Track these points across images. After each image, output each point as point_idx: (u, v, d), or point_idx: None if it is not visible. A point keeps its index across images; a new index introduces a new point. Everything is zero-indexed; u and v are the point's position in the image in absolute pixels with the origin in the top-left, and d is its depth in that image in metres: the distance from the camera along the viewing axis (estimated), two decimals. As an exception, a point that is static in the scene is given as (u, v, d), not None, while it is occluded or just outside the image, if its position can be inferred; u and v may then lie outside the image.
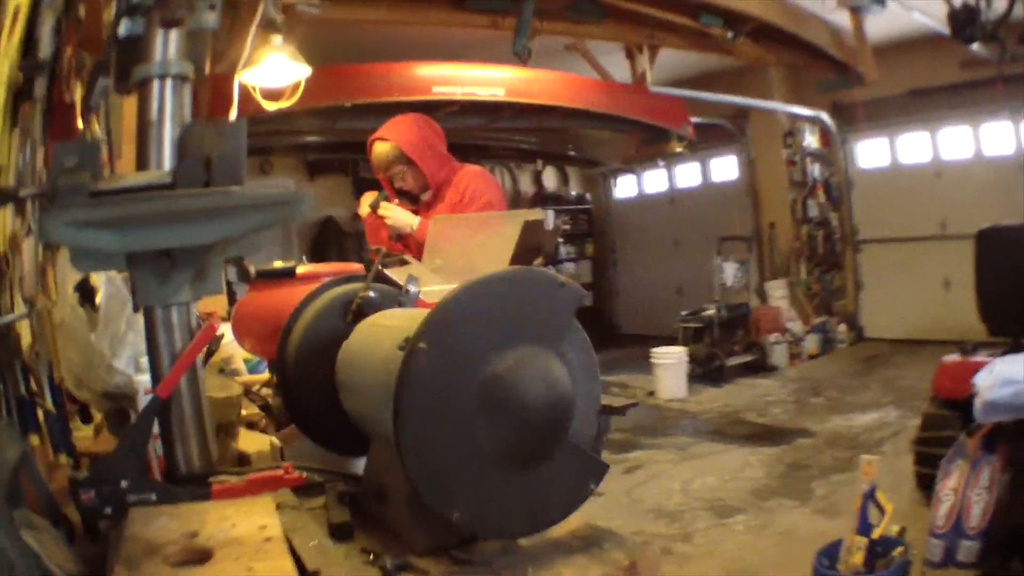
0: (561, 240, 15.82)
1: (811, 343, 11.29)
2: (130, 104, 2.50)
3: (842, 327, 11.98)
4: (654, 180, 15.36)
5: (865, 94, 10.95)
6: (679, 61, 10.79)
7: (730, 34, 8.73)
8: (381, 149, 4.22)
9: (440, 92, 9.20)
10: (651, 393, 9.62)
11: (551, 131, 13.24)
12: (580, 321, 1.94)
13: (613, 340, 14.69)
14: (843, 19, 9.31)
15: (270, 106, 5.05)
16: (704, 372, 10.09)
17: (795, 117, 12.12)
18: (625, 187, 16.20)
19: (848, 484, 5.46)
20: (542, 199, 15.87)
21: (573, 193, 16.49)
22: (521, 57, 9.62)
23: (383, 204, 4.27)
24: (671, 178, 14.90)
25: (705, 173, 14.30)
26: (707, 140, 12.62)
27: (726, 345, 10.39)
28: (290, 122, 9.80)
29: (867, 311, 12.39)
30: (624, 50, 10.15)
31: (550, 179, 16.39)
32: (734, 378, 10.08)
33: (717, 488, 6.10)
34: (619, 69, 10.43)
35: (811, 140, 12.35)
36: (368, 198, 4.33)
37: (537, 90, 9.75)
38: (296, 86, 4.95)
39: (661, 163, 13.59)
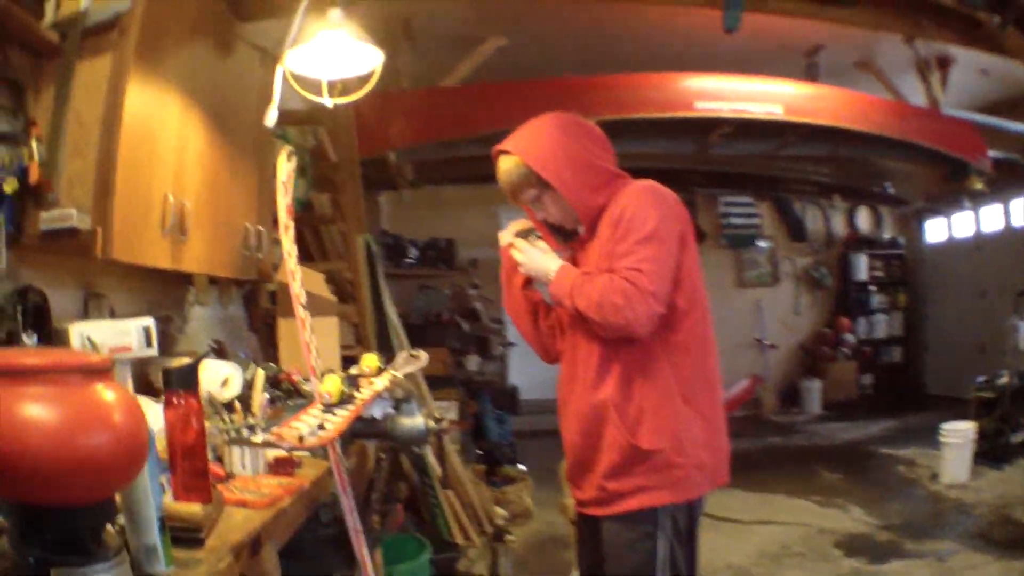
0: (874, 289, 13.93)
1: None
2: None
3: None
4: (961, 223, 13.18)
5: None
6: (970, 88, 9.16)
7: (996, 19, 7.00)
8: (504, 167, 2.80)
9: (704, 108, 7.90)
10: (934, 476, 7.97)
11: (845, 161, 11.42)
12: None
13: (916, 402, 12.83)
14: None
15: (328, 101, 3.41)
16: (988, 450, 8.21)
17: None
18: (935, 230, 14.02)
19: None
20: (856, 242, 13.94)
21: (886, 236, 14.29)
22: (809, 73, 8.30)
23: (516, 243, 2.84)
24: (977, 221, 12.71)
25: (1007, 216, 12.09)
26: (1009, 178, 10.57)
27: (1015, 418, 8.39)
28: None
29: None
30: (915, 69, 8.66)
31: (863, 219, 14.23)
32: (1017, 457, 8.25)
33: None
34: (910, 92, 9.05)
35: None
36: (517, 225, 2.88)
37: (821, 108, 8.21)
38: (368, 77, 3.44)
39: (967, 204, 11.63)
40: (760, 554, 6.18)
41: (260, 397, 3.12)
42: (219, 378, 3.22)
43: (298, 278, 3.07)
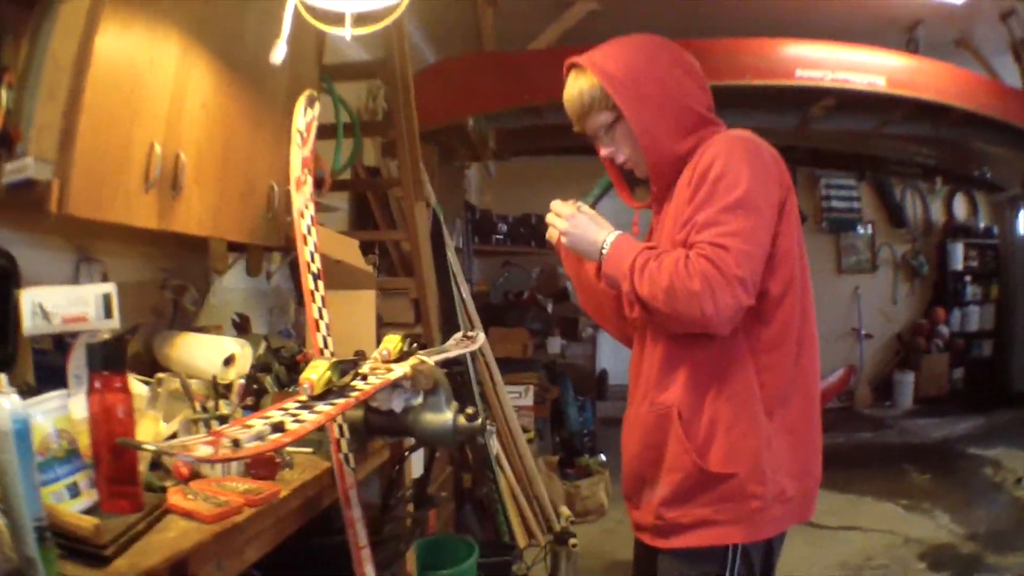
0: (969, 279, 13.00)
1: None
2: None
3: None
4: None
5: None
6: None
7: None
8: (572, 86, 2.23)
9: (805, 76, 7.32)
10: (1019, 480, 7.51)
11: (946, 143, 10.52)
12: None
13: (1004, 399, 12.04)
14: None
15: (347, 32, 2.77)
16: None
17: None
18: (1026, 219, 13.17)
19: None
20: (953, 230, 13.04)
21: (981, 225, 13.33)
22: (910, 48, 8.08)
23: (554, 206, 2.28)
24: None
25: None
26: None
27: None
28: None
29: None
30: (1010, 49, 8.21)
31: (960, 207, 13.34)
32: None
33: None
34: (1005, 75, 8.61)
35: None
36: (573, 206, 2.27)
37: (924, 83, 7.59)
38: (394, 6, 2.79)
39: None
40: (841, 565, 5.76)
41: (238, 382, 2.62)
42: (220, 356, 2.75)
43: (310, 242, 2.58)
